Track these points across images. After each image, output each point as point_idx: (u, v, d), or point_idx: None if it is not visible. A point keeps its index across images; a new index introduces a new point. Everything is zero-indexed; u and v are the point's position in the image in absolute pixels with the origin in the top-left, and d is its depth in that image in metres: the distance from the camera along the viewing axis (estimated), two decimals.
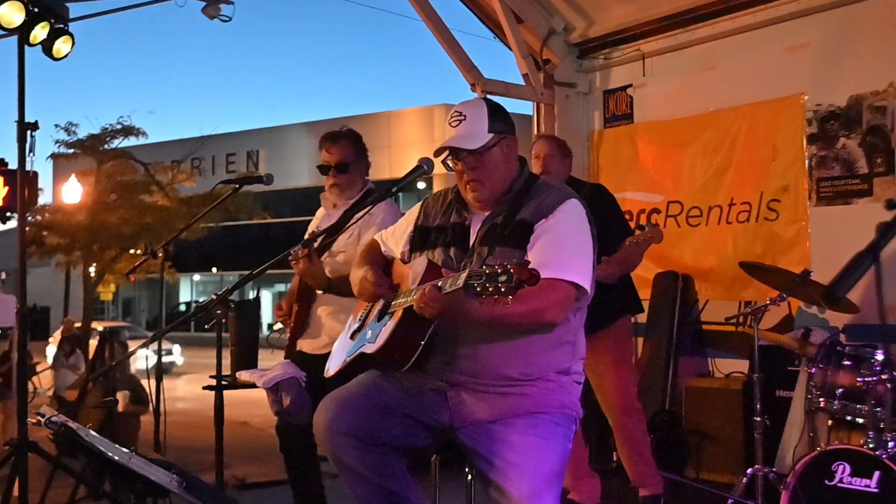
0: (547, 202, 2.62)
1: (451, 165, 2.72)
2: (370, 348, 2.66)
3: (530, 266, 2.19)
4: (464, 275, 2.31)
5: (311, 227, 4.02)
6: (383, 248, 2.97)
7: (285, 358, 3.79)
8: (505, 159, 2.72)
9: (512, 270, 2.18)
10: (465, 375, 2.58)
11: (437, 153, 2.74)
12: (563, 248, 2.55)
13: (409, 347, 2.56)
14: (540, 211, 2.60)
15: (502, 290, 2.19)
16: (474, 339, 2.56)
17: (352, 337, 2.87)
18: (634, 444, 4.40)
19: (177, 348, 22.06)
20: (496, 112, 2.74)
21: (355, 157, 3.86)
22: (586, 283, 2.58)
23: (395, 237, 2.94)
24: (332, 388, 2.78)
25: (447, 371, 2.59)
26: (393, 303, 2.70)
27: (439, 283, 2.45)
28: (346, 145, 3.86)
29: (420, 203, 2.93)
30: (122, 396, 6.54)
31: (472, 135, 2.67)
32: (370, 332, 2.75)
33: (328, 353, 3.64)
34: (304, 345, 3.80)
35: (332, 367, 2.88)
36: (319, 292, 3.71)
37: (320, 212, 4.02)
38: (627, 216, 5.49)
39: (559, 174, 4.44)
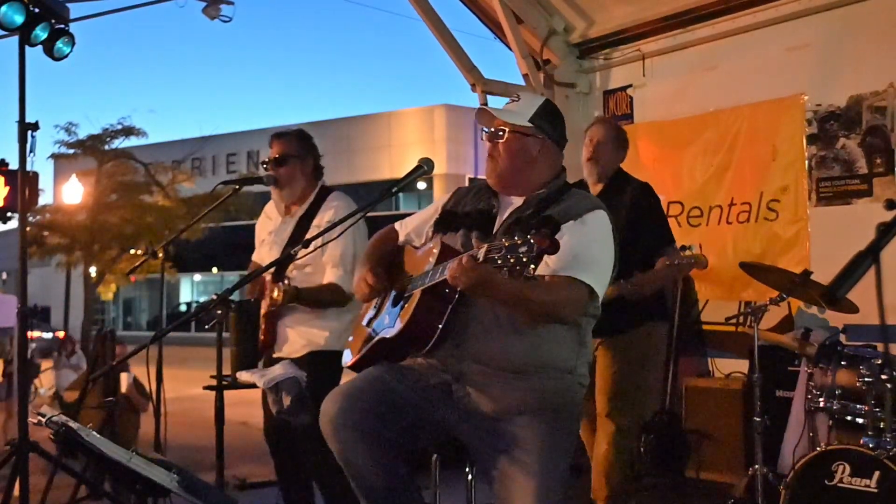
0: (576, 207, 2.60)
1: (483, 138, 2.77)
2: (389, 333, 2.64)
3: (554, 237, 2.12)
4: (483, 248, 2.26)
5: (261, 229, 3.99)
6: (401, 236, 2.94)
7: (264, 366, 3.79)
8: (531, 156, 2.68)
9: (532, 241, 2.13)
10: (471, 362, 2.58)
11: (478, 113, 2.76)
12: (586, 253, 2.54)
13: (428, 329, 2.54)
14: (568, 213, 2.57)
15: (524, 259, 2.13)
16: (486, 322, 2.56)
17: (368, 325, 2.85)
18: (601, 453, 4.14)
19: None
20: (549, 113, 2.73)
21: (298, 153, 3.81)
22: (601, 291, 2.59)
23: (420, 220, 2.91)
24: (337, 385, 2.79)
25: (455, 356, 2.59)
26: (409, 286, 2.68)
27: (472, 254, 2.38)
28: (289, 141, 3.84)
29: (453, 191, 2.92)
30: (124, 377, 6.52)
31: (513, 113, 2.69)
32: (388, 317, 2.73)
33: (310, 353, 3.65)
34: (282, 352, 3.78)
35: (349, 357, 2.87)
36: (287, 306, 3.69)
37: (270, 211, 3.98)
38: None
39: (608, 164, 4.13)
